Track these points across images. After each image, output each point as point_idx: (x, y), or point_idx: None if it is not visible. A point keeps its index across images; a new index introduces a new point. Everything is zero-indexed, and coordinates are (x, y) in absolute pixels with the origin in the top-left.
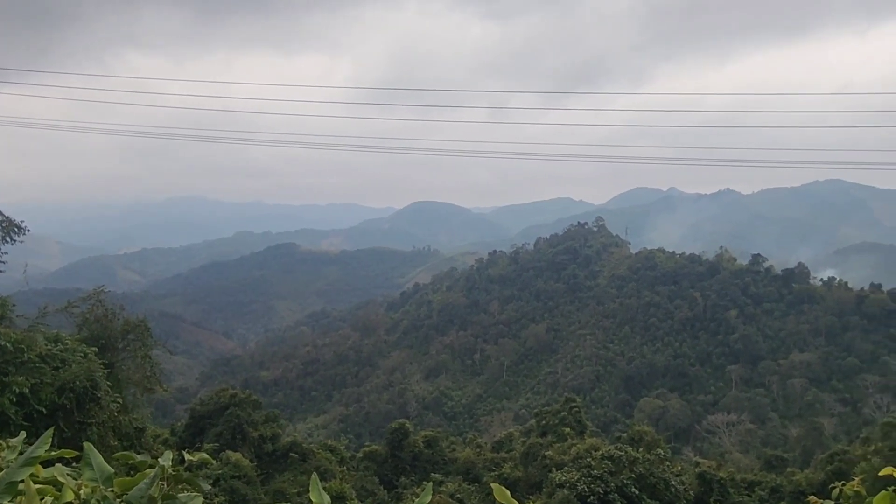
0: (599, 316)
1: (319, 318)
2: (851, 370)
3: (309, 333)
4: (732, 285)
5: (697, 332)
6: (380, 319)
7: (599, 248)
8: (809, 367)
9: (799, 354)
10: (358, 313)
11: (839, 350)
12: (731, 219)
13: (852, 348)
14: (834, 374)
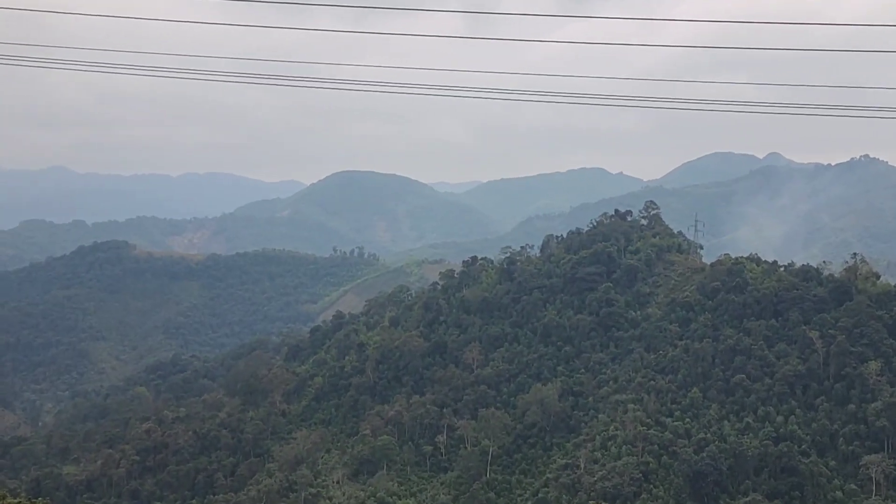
0: (650, 370)
1: (169, 371)
2: None
3: (150, 399)
4: (873, 320)
5: (814, 400)
6: (275, 375)
7: (651, 256)
8: None
9: None
10: (237, 364)
11: None
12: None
13: None
14: None
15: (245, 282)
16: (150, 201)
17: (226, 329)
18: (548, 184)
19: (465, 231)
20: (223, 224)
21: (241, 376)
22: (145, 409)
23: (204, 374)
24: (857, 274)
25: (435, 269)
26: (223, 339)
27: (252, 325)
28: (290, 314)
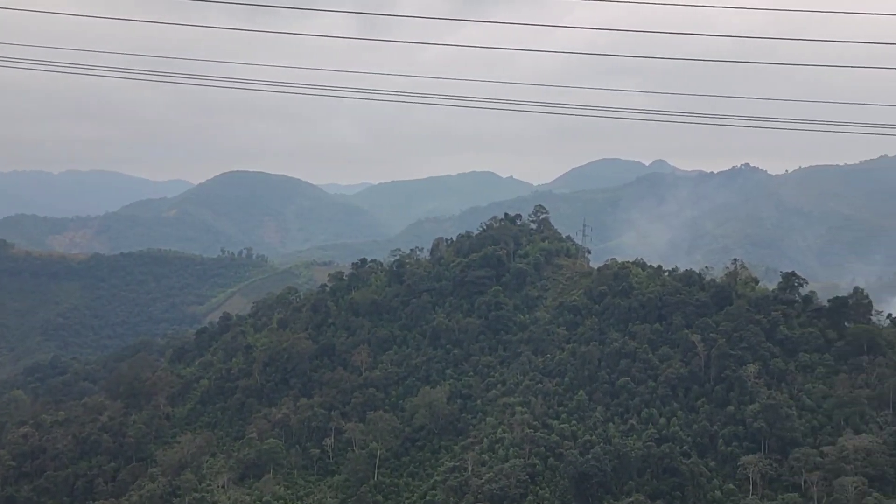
0: (538, 373)
1: (47, 374)
2: None
3: (28, 403)
4: (751, 324)
5: (695, 402)
6: (159, 378)
7: (540, 259)
8: (869, 459)
9: (853, 438)
10: (120, 367)
11: None
12: (751, 213)
13: None
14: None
15: (129, 282)
16: (30, 199)
17: (108, 331)
18: (438, 186)
19: (355, 233)
20: (107, 223)
21: (124, 379)
22: (22, 412)
23: (85, 377)
24: (737, 279)
25: (324, 270)
26: (105, 341)
27: (136, 326)
28: (176, 316)
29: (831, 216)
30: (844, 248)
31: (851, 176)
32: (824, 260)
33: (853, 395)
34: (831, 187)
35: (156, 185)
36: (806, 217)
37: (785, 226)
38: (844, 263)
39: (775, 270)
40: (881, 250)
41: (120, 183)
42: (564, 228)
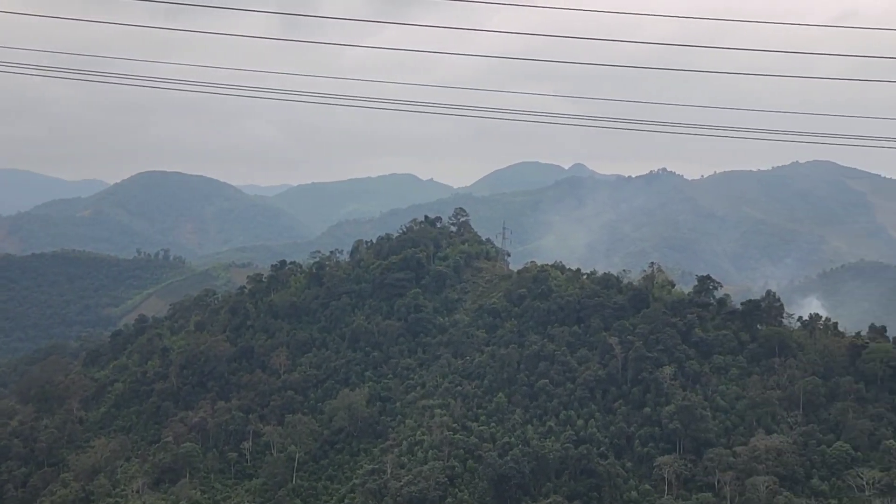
0: (457, 376)
1: None
2: (841, 461)
3: None
4: (668, 326)
5: (613, 403)
6: (72, 382)
7: (459, 262)
8: (780, 458)
9: (765, 438)
10: (31, 370)
11: (824, 430)
12: (668, 217)
13: (843, 427)
14: (816, 467)
15: (41, 284)
16: None
17: (20, 333)
18: (359, 189)
19: (275, 235)
20: (18, 223)
21: (36, 382)
22: None
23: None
24: (654, 282)
25: (243, 272)
26: (16, 344)
27: (48, 329)
28: (90, 318)
29: (745, 220)
30: (758, 251)
31: (765, 181)
32: (738, 263)
33: (765, 396)
34: (745, 192)
35: (70, 185)
36: (721, 221)
37: (701, 230)
38: (758, 267)
39: (691, 273)
40: (793, 254)
41: (33, 182)
42: (484, 231)
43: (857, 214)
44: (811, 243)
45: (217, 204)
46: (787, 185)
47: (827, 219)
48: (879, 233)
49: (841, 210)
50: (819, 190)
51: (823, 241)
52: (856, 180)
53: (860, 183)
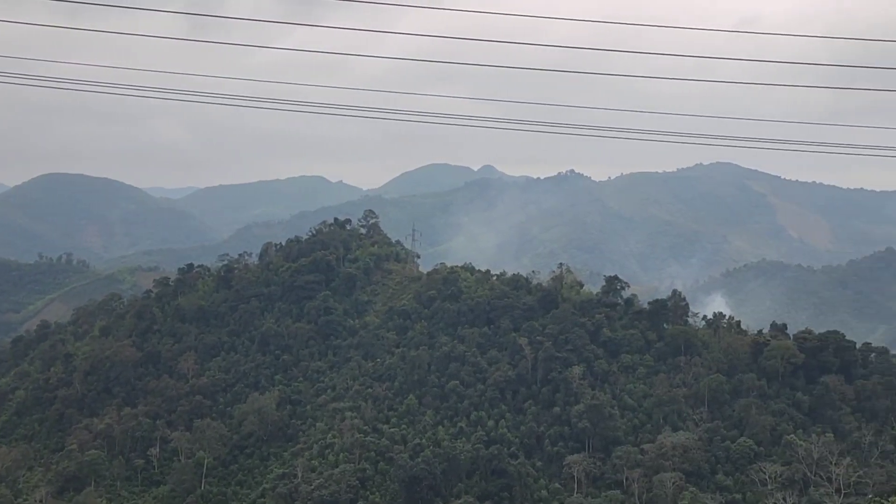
0: (368, 378)
1: None
2: (744, 456)
3: None
4: (576, 326)
5: (523, 403)
6: None
7: (369, 264)
8: (686, 455)
9: (672, 435)
10: None
11: (728, 426)
12: (576, 218)
13: (746, 423)
14: (721, 462)
15: None
16: None
17: None
18: (267, 191)
19: (182, 238)
20: None
21: None
22: None
23: None
24: (562, 283)
25: (149, 276)
26: None
27: None
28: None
29: (652, 221)
30: (664, 252)
31: (670, 183)
32: (645, 263)
33: (671, 394)
34: (651, 194)
35: None
36: (628, 222)
37: (608, 230)
38: (664, 267)
39: (599, 274)
40: (698, 254)
41: None
42: (394, 233)
43: (758, 215)
44: (715, 243)
45: (122, 206)
46: (692, 187)
47: (730, 219)
48: (780, 233)
49: (743, 211)
50: (722, 191)
51: (727, 241)
52: (757, 182)
53: (761, 184)
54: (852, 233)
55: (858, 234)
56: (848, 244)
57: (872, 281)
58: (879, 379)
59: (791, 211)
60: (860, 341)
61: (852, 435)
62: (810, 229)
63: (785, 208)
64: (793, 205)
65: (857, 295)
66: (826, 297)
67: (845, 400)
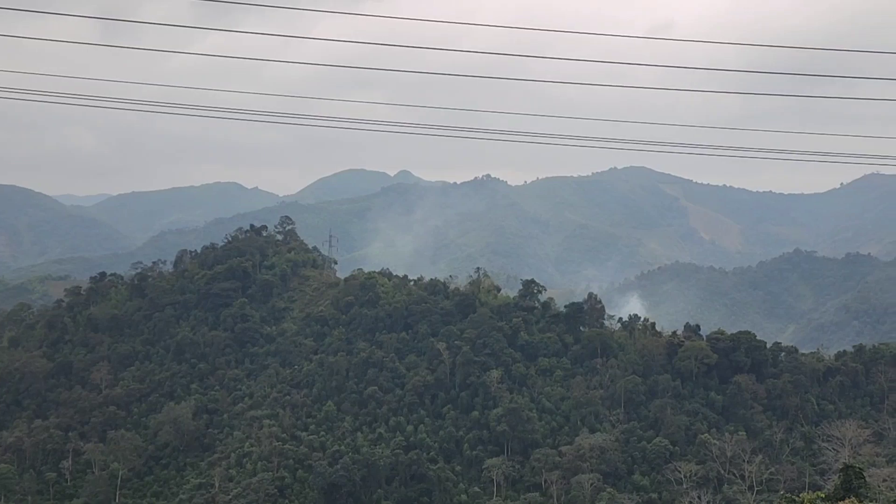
0: (286, 385)
1: None
2: (660, 456)
3: None
4: (494, 330)
5: (442, 408)
6: None
7: (286, 271)
8: (604, 456)
9: (589, 436)
10: None
11: (644, 427)
12: (493, 223)
13: (661, 423)
14: (637, 463)
15: None
16: None
17: None
18: (181, 198)
19: (94, 246)
20: None
21: None
22: None
23: None
24: (480, 287)
25: (60, 285)
26: None
27: None
28: None
29: (567, 225)
30: (580, 255)
31: (585, 187)
32: (562, 267)
33: (588, 396)
34: (567, 198)
35: None
36: (544, 226)
37: (525, 235)
38: (580, 270)
39: (516, 278)
40: (613, 257)
41: None
42: (311, 239)
43: (671, 218)
44: (630, 246)
45: (31, 215)
46: (606, 191)
47: (644, 222)
48: (692, 235)
49: (656, 214)
50: (636, 195)
51: (641, 243)
52: (670, 185)
53: (673, 188)
54: (761, 235)
55: (767, 235)
56: (757, 246)
57: (781, 281)
58: (789, 377)
59: (702, 214)
60: (770, 341)
61: (764, 433)
62: (721, 231)
63: (696, 211)
64: (704, 208)
65: (767, 295)
66: (737, 298)
67: (757, 398)
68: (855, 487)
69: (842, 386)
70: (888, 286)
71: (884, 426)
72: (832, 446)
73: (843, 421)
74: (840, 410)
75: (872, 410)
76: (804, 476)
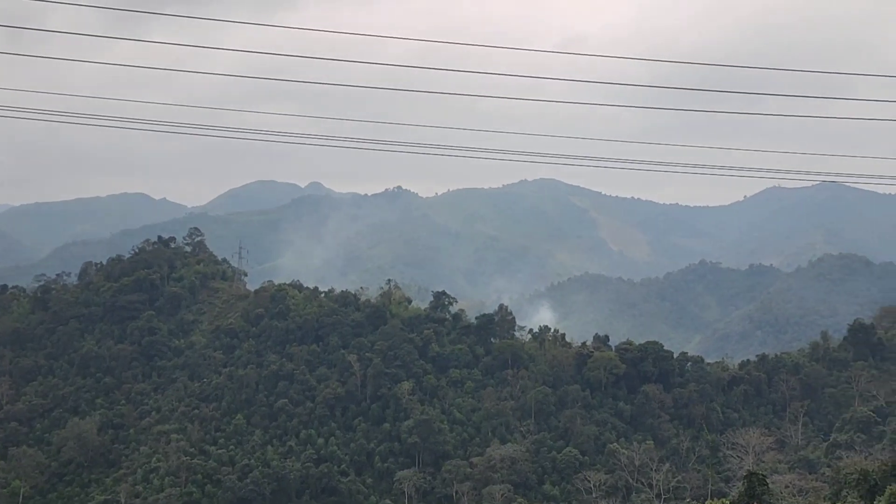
0: (194, 399)
1: None
2: (570, 466)
3: None
4: (405, 342)
5: (353, 420)
6: None
7: (195, 283)
8: (514, 466)
9: (500, 447)
10: None
11: (555, 437)
12: (404, 234)
13: (571, 433)
14: (548, 473)
15: None
16: None
17: None
18: (87, 209)
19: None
20: None
21: None
22: None
23: None
24: (391, 299)
25: None
26: None
27: None
28: None
29: (478, 237)
30: (491, 267)
31: (496, 199)
32: (473, 279)
33: (499, 407)
34: (478, 210)
35: None
36: (455, 238)
37: (436, 246)
38: (491, 282)
39: (427, 290)
40: (524, 269)
41: None
42: (221, 251)
43: (581, 230)
44: (540, 258)
45: None
46: (517, 203)
47: (554, 234)
48: (601, 247)
49: (566, 226)
50: (546, 206)
51: (551, 255)
52: (579, 197)
53: (583, 200)
54: (668, 246)
55: (674, 247)
56: (664, 257)
57: (687, 292)
58: (695, 387)
59: (611, 225)
60: (677, 351)
61: (671, 441)
62: (630, 243)
63: (605, 223)
64: (613, 219)
65: (674, 306)
66: (645, 309)
67: (664, 408)
68: (758, 494)
69: (746, 394)
70: (789, 297)
71: (786, 434)
72: (736, 454)
73: (747, 429)
74: (744, 418)
75: (775, 418)
76: (709, 483)
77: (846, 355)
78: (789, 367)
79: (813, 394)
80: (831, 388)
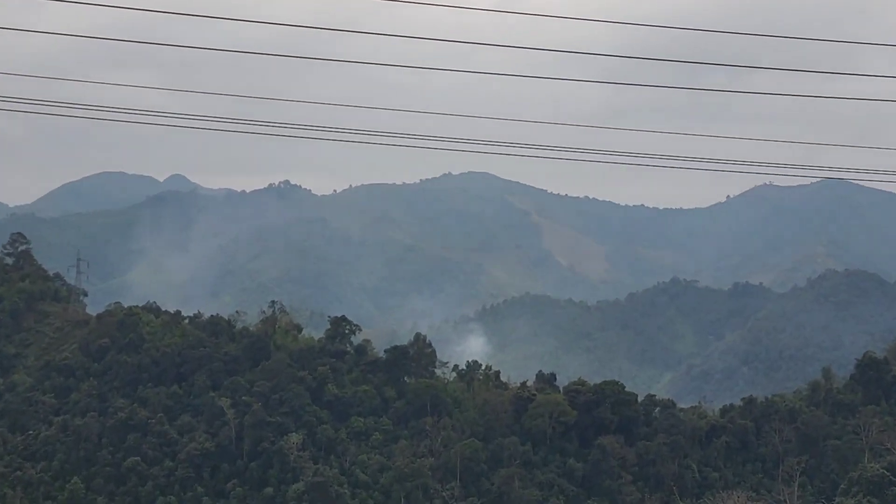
0: (17, 456)
1: None
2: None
3: None
4: (294, 382)
5: (225, 484)
6: None
7: (19, 305)
8: None
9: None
10: None
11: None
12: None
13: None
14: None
15: None
16: None
17: None
18: None
19: None
20: None
21: None
22: None
23: None
24: (276, 327)
25: None
26: None
27: None
28: None
29: (389, 246)
30: (405, 284)
31: (412, 198)
32: (381, 301)
33: (415, 466)
34: (388, 211)
35: None
36: (359, 247)
37: (334, 258)
38: (405, 304)
39: (322, 314)
40: (447, 287)
41: None
42: (53, 264)
43: (520, 238)
44: (468, 273)
45: None
46: (439, 202)
47: (486, 243)
48: (546, 260)
49: (502, 232)
50: (476, 207)
51: (482, 270)
52: (519, 196)
53: (524, 200)
54: (631, 259)
55: (639, 260)
56: (626, 273)
57: (656, 318)
58: (665, 439)
59: (559, 233)
60: (643, 393)
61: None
62: (582, 255)
63: (552, 229)
64: (561, 225)
65: (639, 335)
66: (602, 339)
67: (626, 466)
68: None
69: (728, 448)
70: (783, 324)
71: (778, 497)
72: None
73: (730, 492)
74: (726, 478)
75: (765, 478)
76: None
77: (853, 398)
78: (783, 413)
79: (812, 447)
80: (835, 440)
